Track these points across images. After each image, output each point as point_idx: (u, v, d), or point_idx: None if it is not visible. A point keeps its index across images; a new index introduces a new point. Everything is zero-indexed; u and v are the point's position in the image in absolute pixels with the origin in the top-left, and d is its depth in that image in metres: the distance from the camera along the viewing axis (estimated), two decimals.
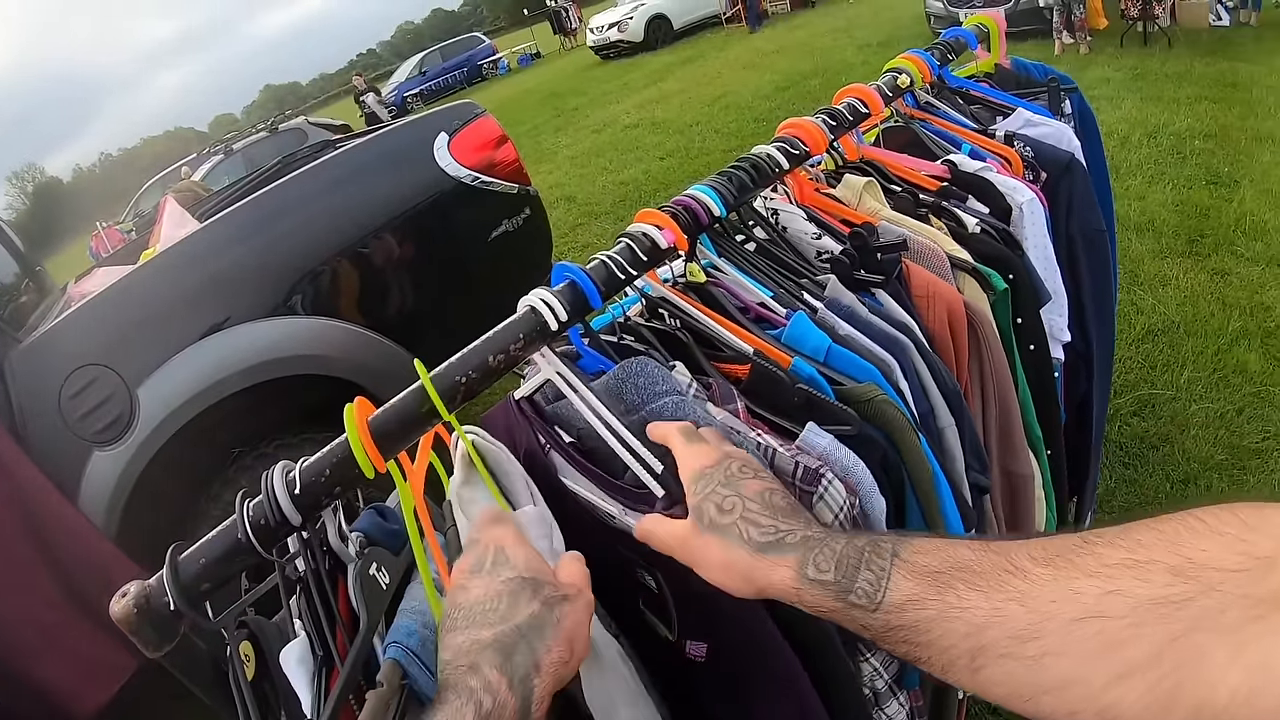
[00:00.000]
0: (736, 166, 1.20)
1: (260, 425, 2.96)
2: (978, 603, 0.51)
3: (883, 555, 0.58)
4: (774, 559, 0.64)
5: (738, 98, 11.05)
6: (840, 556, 0.60)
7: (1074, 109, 2.01)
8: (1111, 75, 7.34)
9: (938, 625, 0.53)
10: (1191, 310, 3.64)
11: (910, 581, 0.56)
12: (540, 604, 0.67)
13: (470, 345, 0.92)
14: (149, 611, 0.79)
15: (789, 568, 0.63)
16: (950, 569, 0.54)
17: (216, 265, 2.87)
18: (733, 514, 0.68)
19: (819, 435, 0.88)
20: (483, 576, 0.70)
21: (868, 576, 0.58)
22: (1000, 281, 1.31)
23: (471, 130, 3.25)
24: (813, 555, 0.62)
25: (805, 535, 0.64)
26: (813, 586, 0.61)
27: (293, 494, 0.84)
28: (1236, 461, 2.77)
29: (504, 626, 0.64)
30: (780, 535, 0.65)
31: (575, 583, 0.73)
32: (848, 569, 0.59)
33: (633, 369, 0.92)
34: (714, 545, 0.68)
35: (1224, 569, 0.43)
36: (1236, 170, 4.87)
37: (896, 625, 0.55)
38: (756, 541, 0.66)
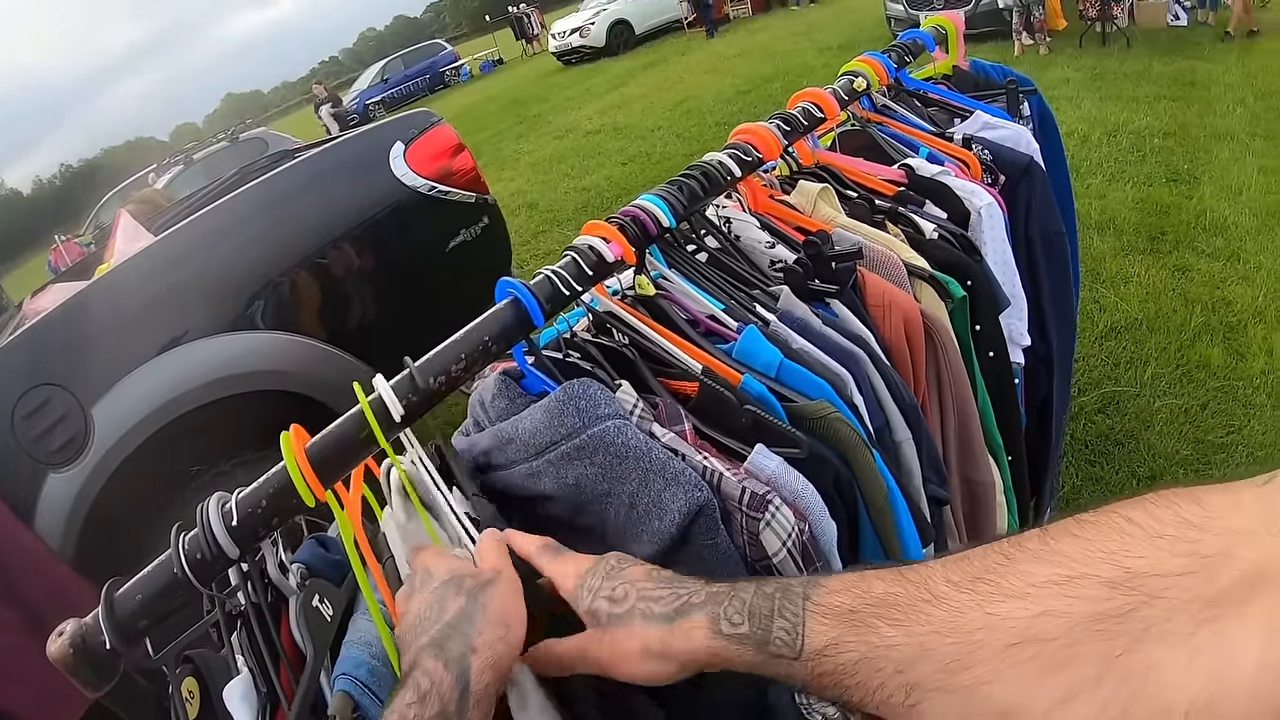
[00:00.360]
0: (687, 175, 1.18)
1: (219, 443, 2.90)
2: (900, 640, 0.49)
3: (794, 601, 0.56)
4: (685, 623, 0.61)
5: (699, 102, 11.06)
6: (751, 606, 0.58)
7: (1033, 111, 2.01)
8: (1071, 75, 7.41)
9: (863, 667, 0.50)
10: (1154, 307, 3.66)
11: (827, 625, 0.53)
12: (465, 597, 0.68)
13: (411, 365, 0.90)
14: (85, 651, 0.77)
15: (702, 627, 0.60)
16: (865, 606, 0.52)
17: (171, 280, 2.81)
18: (628, 600, 0.65)
19: (767, 458, 0.86)
20: (415, 597, 0.72)
21: (782, 624, 0.55)
22: (958, 289, 1.29)
23: (428, 139, 3.21)
24: (723, 609, 0.59)
25: (709, 592, 0.62)
26: (730, 641, 0.58)
27: (229, 526, 0.81)
28: (1201, 456, 2.79)
29: (437, 627, 0.66)
30: (683, 599, 0.62)
31: (493, 565, 0.73)
32: (761, 619, 0.57)
33: (574, 391, 0.89)
34: (620, 636, 0.65)
35: (1166, 575, 0.40)
36: (1196, 167, 4.93)
37: (822, 672, 0.53)
38: (661, 614, 0.63)
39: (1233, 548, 0.39)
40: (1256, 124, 5.42)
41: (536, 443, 0.90)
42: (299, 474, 0.80)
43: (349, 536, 0.85)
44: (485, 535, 0.79)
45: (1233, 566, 0.39)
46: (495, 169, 10.48)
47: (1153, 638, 0.39)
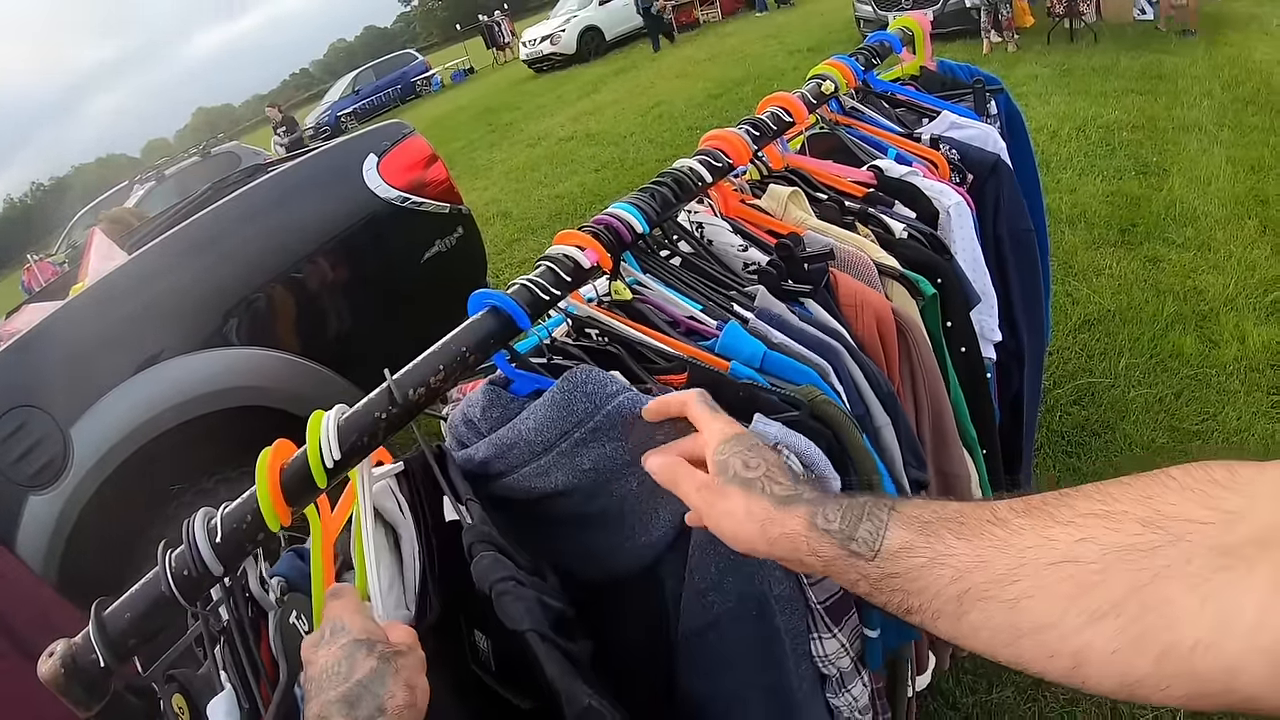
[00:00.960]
0: (659, 182, 1.19)
1: (199, 460, 2.89)
2: (962, 549, 0.56)
3: (882, 509, 0.64)
4: (790, 509, 0.70)
5: (671, 107, 11.09)
6: (845, 509, 0.66)
7: (1000, 109, 2.03)
8: (1040, 71, 7.48)
9: (928, 571, 0.57)
10: (1126, 298, 3.70)
11: (904, 530, 0.61)
12: (377, 659, 0.71)
13: (386, 381, 0.90)
14: (76, 671, 0.78)
15: (801, 517, 0.68)
16: (939, 520, 0.59)
17: (146, 298, 2.81)
18: (757, 471, 0.74)
19: (768, 424, 0.87)
20: (324, 647, 0.73)
21: (868, 526, 0.63)
22: (928, 287, 1.31)
23: (400, 150, 3.22)
24: (823, 507, 0.68)
25: (817, 494, 0.71)
26: (820, 535, 0.66)
27: (214, 543, 0.82)
28: (1177, 444, 2.82)
29: (347, 684, 0.68)
30: (798, 492, 0.71)
31: (406, 640, 0.76)
32: (851, 520, 0.65)
33: (578, 378, 0.90)
34: (737, 494, 0.74)
35: (1192, 520, 0.46)
36: (1165, 159, 4.98)
37: (890, 573, 0.60)
38: (777, 495, 0.72)
39: (1251, 508, 0.45)
40: (1224, 115, 5.49)
41: (544, 439, 0.91)
42: (266, 497, 0.81)
43: (316, 559, 0.86)
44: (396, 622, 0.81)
45: (1249, 524, 0.44)
46: (469, 178, 10.46)
47: (1173, 575, 0.45)
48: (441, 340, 0.93)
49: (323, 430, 0.84)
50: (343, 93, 30.88)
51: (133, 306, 2.78)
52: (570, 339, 1.12)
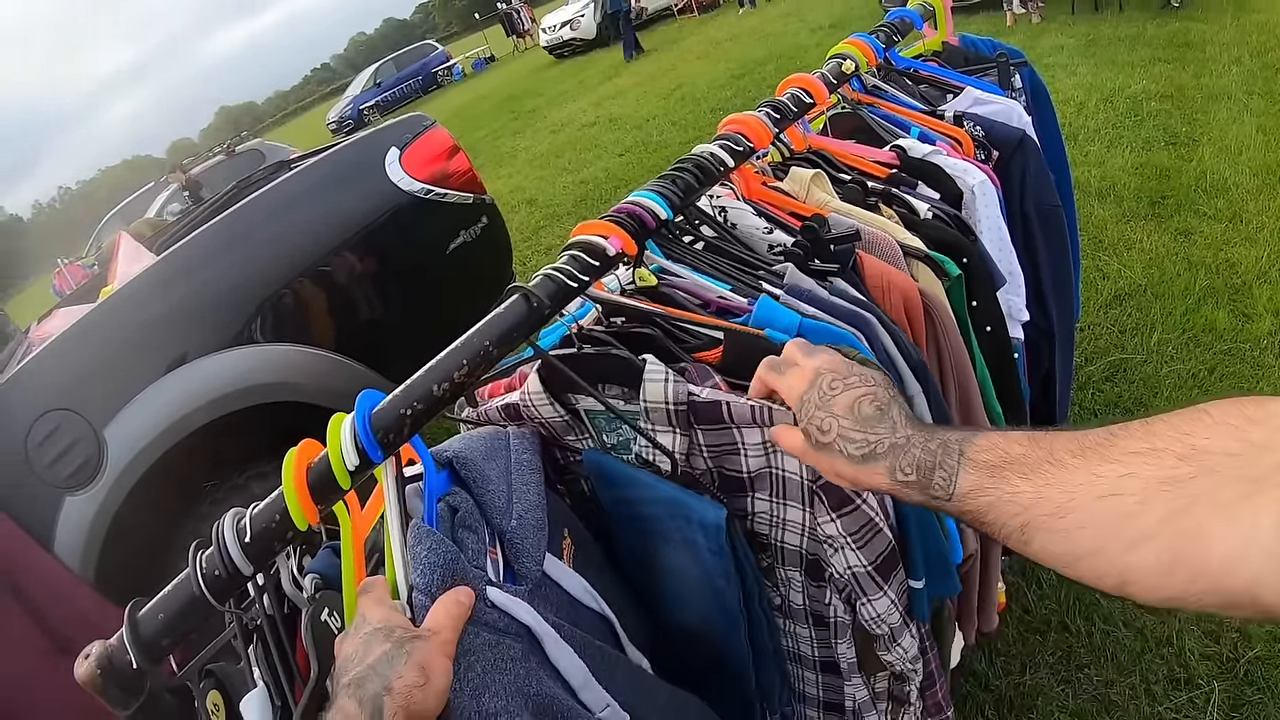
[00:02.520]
0: (680, 168, 1.18)
1: (232, 457, 2.92)
2: (1024, 488, 0.63)
3: (951, 456, 0.71)
4: (870, 468, 0.77)
5: (693, 89, 11.02)
6: (919, 461, 0.73)
7: (1025, 83, 2.00)
8: (1065, 43, 7.36)
9: (996, 508, 0.65)
10: (1158, 272, 3.64)
11: (973, 475, 0.68)
12: (390, 644, 0.72)
13: (413, 376, 0.90)
14: (112, 671, 0.79)
15: (882, 474, 0.76)
16: (1004, 463, 0.66)
17: (175, 298, 2.83)
18: (830, 434, 0.81)
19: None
20: (348, 640, 0.76)
21: (941, 475, 0.71)
22: (954, 267, 1.30)
23: (422, 143, 3.22)
24: (899, 462, 0.75)
25: (891, 443, 0.77)
26: (902, 486, 0.75)
27: (243, 543, 0.82)
28: None
29: (360, 668, 0.70)
30: (871, 447, 0.78)
31: (434, 625, 0.77)
32: (925, 470, 0.72)
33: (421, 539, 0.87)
34: (823, 460, 0.82)
35: (1223, 453, 0.51)
36: (1194, 130, 4.88)
37: (966, 509, 0.68)
38: (853, 455, 0.78)
39: (1276, 441, 0.50)
40: (1253, 82, 5.36)
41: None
42: (294, 497, 0.81)
43: (347, 556, 0.86)
44: (445, 596, 0.80)
45: (1273, 455, 0.49)
46: (492, 167, 10.48)
47: (1204, 503, 0.51)
48: (465, 335, 0.93)
49: (344, 432, 0.85)
50: (364, 86, 31.03)
51: (162, 307, 2.80)
52: (599, 327, 1.11)
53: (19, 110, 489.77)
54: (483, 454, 1.02)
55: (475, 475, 0.99)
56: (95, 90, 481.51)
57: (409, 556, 0.84)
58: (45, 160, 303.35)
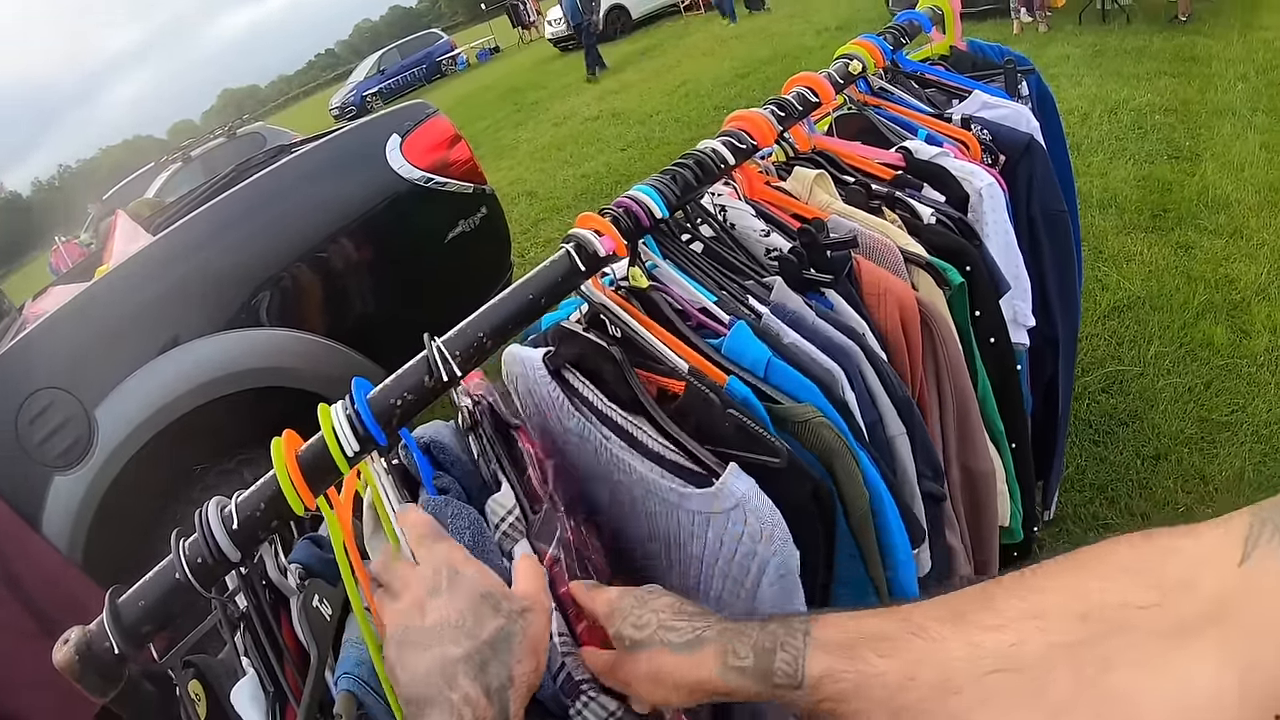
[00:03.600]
0: (681, 164, 1.17)
1: (222, 440, 2.92)
2: (889, 668, 0.54)
3: (795, 636, 0.61)
4: (696, 656, 0.68)
5: (697, 86, 11.01)
6: (756, 642, 0.64)
7: (1031, 90, 1.99)
8: (1071, 52, 7.35)
9: (858, 694, 0.55)
10: (1157, 285, 3.63)
11: (824, 655, 0.59)
12: (504, 619, 0.67)
13: (401, 369, 0.89)
14: (91, 658, 0.77)
15: (712, 662, 0.66)
16: (858, 640, 0.57)
17: (170, 279, 2.83)
18: (649, 628, 0.72)
19: (740, 479, 0.84)
20: (441, 597, 0.69)
21: (784, 658, 0.61)
22: (956, 276, 1.28)
23: (424, 131, 3.22)
24: (731, 645, 0.66)
25: (721, 628, 0.68)
26: (736, 674, 0.64)
27: (230, 530, 0.81)
28: (1206, 435, 2.77)
29: (473, 643, 0.65)
30: (697, 633, 0.69)
31: (532, 593, 0.73)
32: (764, 653, 0.63)
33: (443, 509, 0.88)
34: (640, 660, 0.72)
35: (1134, 605, 0.44)
36: (1197, 144, 4.88)
37: (821, 698, 0.58)
38: (675, 644, 0.70)
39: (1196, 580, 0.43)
40: (1258, 99, 5.36)
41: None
42: (288, 482, 0.80)
43: (339, 544, 0.85)
44: (524, 559, 0.78)
45: (1195, 598, 0.42)
46: (494, 158, 10.46)
47: (1122, 665, 0.43)
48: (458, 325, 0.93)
49: (337, 417, 0.84)
50: (368, 73, 31.02)
51: (156, 288, 2.80)
52: (581, 326, 1.10)
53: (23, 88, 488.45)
54: (450, 439, 1.02)
55: (451, 459, 1.00)
56: (99, 70, 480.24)
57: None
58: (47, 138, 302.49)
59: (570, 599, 0.84)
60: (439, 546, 0.75)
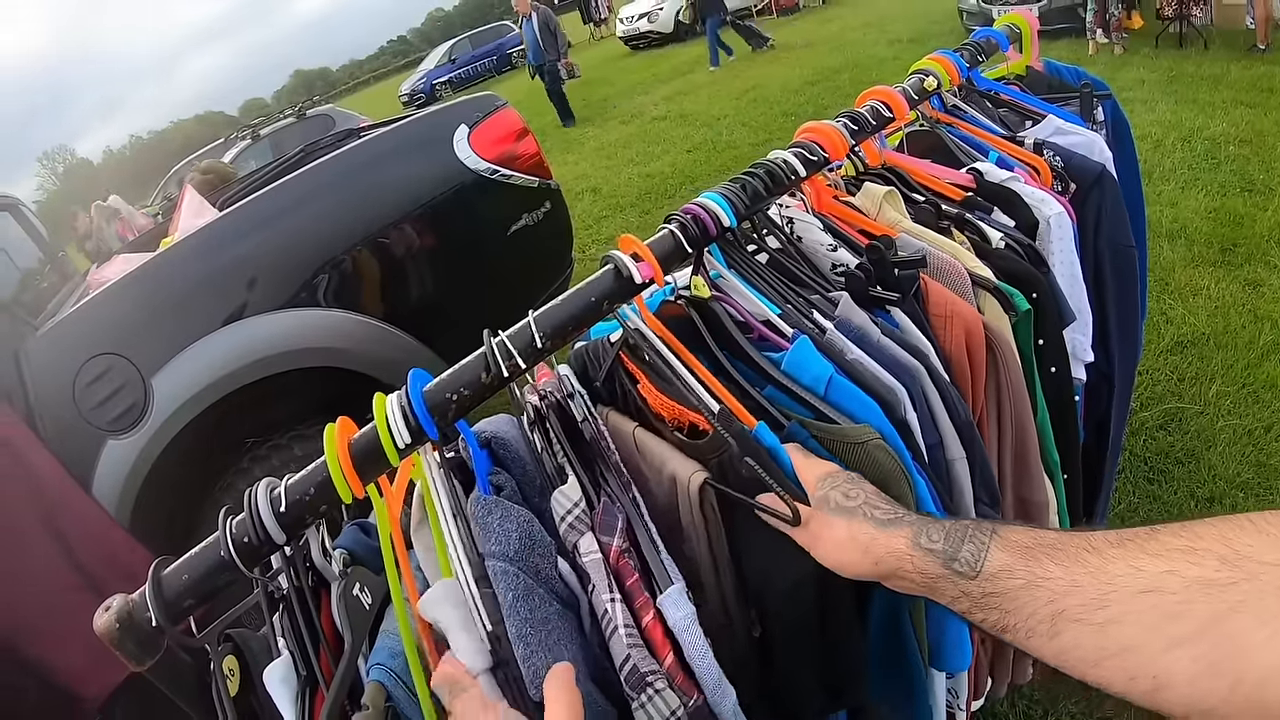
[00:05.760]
0: (751, 174, 1.16)
1: (274, 416, 2.96)
2: (1058, 574, 0.59)
3: (984, 531, 0.68)
4: (893, 531, 0.75)
5: (766, 91, 10.96)
6: (949, 530, 0.71)
7: (1107, 116, 1.95)
8: (1146, 77, 7.21)
9: (1025, 592, 0.61)
10: (1222, 322, 3.55)
11: (1005, 553, 0.65)
12: None
13: (460, 362, 0.90)
14: (131, 627, 0.79)
15: (905, 537, 0.73)
16: (1038, 545, 0.63)
17: (232, 255, 2.87)
18: (857, 499, 0.80)
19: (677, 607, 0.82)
20: None
21: (970, 548, 0.67)
22: (1023, 302, 1.25)
23: (492, 123, 3.23)
24: (926, 528, 0.73)
25: (919, 515, 0.76)
26: (923, 554, 0.71)
27: (277, 512, 0.83)
28: (1263, 480, 2.70)
29: None
30: (899, 515, 0.77)
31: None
32: (954, 540, 0.69)
33: (476, 513, 0.88)
34: (839, 524, 0.79)
35: (1265, 562, 0.49)
36: (1272, 178, 4.75)
37: (990, 592, 0.64)
38: (879, 519, 0.77)
39: None
40: None
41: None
42: (339, 470, 0.81)
43: (384, 534, 0.86)
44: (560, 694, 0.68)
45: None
46: (559, 152, 10.51)
47: (1247, 610, 0.48)
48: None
49: (391, 408, 0.85)
50: (439, 61, 31.24)
51: (218, 263, 2.84)
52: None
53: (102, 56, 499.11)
54: (514, 436, 1.03)
55: (512, 456, 1.00)
56: (178, 41, 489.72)
57: (479, 527, 0.86)
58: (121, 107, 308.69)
59: (638, 588, 0.84)
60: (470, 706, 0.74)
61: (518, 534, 0.85)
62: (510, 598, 0.80)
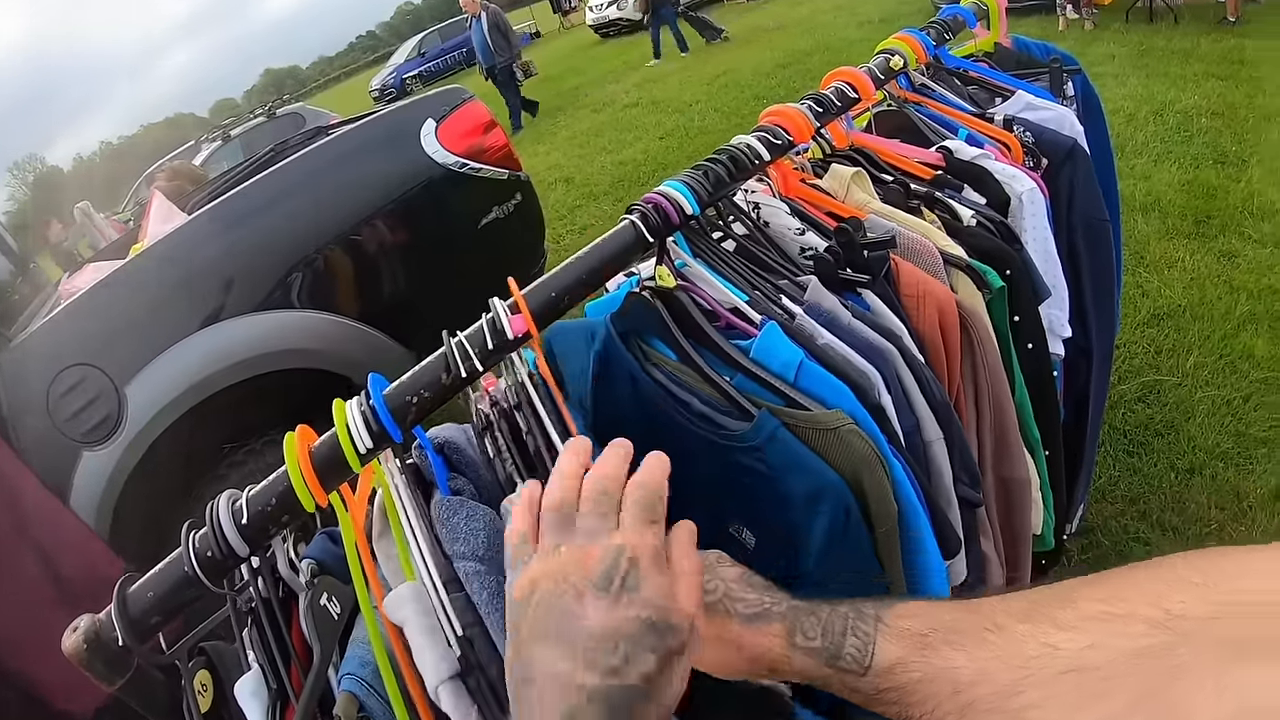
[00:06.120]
0: (714, 160, 1.14)
1: (250, 421, 2.94)
2: (962, 662, 0.53)
3: (867, 621, 0.60)
4: (762, 628, 0.65)
5: (737, 75, 10.96)
6: (826, 624, 0.62)
7: (1077, 91, 1.95)
8: (1117, 52, 7.24)
9: (924, 686, 0.54)
10: (1198, 293, 3.56)
11: (895, 645, 0.57)
12: (659, 660, 0.55)
13: (417, 366, 0.88)
14: (99, 647, 0.78)
15: (778, 636, 0.64)
16: (932, 631, 0.56)
17: (203, 259, 2.84)
18: (716, 594, 0.68)
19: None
20: (607, 601, 0.56)
21: (854, 642, 0.59)
22: (996, 279, 1.24)
23: (459, 116, 3.20)
24: (800, 623, 0.63)
25: (790, 605, 0.65)
26: (802, 654, 0.62)
27: (239, 524, 0.81)
28: (1243, 450, 2.71)
29: (614, 682, 0.54)
30: (766, 606, 0.66)
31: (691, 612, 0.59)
32: (834, 636, 0.61)
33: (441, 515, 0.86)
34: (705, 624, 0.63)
35: (1199, 617, 0.44)
36: (1244, 149, 4.78)
37: (885, 688, 0.57)
38: (743, 614, 0.66)
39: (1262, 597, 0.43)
40: None
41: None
42: (300, 479, 0.79)
43: (350, 542, 0.85)
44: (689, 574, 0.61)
45: (1260, 614, 0.43)
46: (531, 143, 10.49)
47: (1185, 675, 0.42)
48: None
49: (351, 414, 0.84)
50: (408, 55, 31.12)
51: (189, 268, 2.82)
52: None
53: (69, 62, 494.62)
54: (465, 441, 1.01)
55: (465, 461, 0.99)
56: (144, 45, 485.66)
57: (445, 529, 0.84)
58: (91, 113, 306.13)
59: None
60: (648, 531, 0.61)
61: (485, 532, 0.83)
62: (486, 596, 0.78)
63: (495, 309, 0.92)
